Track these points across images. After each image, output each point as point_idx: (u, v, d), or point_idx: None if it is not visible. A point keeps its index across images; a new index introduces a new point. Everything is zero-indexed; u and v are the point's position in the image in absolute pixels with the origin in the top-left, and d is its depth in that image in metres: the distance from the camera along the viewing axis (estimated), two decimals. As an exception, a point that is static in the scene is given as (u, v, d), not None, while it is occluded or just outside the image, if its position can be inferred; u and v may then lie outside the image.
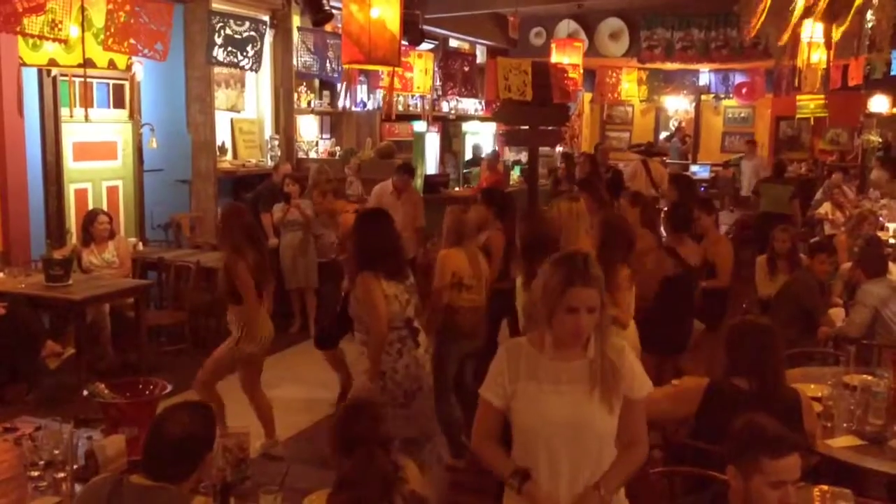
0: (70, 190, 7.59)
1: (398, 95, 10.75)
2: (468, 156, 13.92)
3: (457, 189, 11.82)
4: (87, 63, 6.71)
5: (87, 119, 6.94)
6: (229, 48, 8.19)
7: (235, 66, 8.39)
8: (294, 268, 7.83)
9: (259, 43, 8.55)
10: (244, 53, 8.42)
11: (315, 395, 6.24)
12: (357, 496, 2.40)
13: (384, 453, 2.56)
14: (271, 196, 8.22)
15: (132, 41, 6.87)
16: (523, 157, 12.70)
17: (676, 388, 3.48)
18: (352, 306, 4.27)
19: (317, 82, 10.58)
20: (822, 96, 13.30)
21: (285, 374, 6.68)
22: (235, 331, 4.97)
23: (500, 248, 5.64)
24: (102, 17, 6.87)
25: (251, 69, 8.71)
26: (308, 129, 10.79)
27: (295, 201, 7.86)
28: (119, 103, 8.01)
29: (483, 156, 12.37)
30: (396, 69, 6.54)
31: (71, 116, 7.33)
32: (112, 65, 7.48)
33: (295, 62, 9.57)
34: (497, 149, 13.36)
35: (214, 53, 8.08)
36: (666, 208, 7.35)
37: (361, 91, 10.93)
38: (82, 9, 6.27)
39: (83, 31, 6.40)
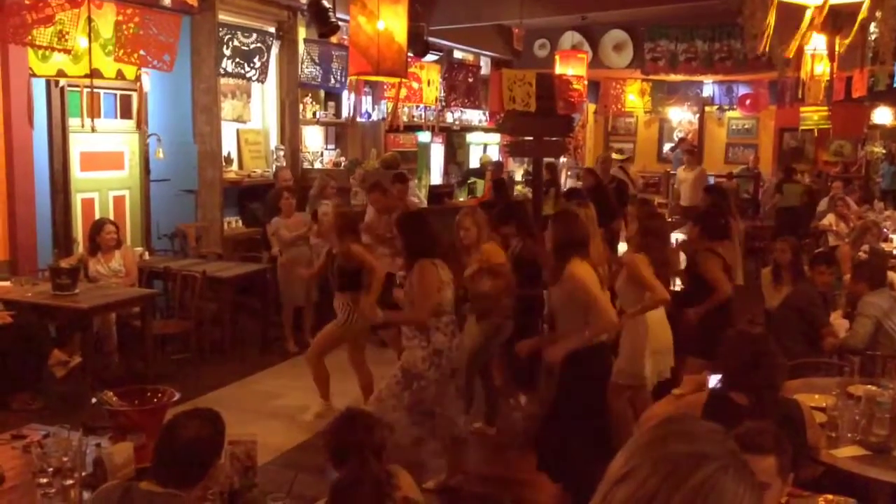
0: (77, 199, 7.64)
1: (403, 106, 10.80)
2: (473, 165, 13.97)
3: (461, 199, 11.85)
4: (95, 73, 6.77)
5: (93, 130, 6.98)
6: (237, 59, 8.25)
7: (243, 77, 8.44)
8: (301, 284, 7.59)
9: (266, 54, 8.61)
10: (251, 65, 8.48)
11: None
12: (351, 502, 2.42)
13: (377, 460, 2.58)
14: (276, 206, 8.27)
15: (142, 52, 6.94)
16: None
17: (676, 406, 3.45)
18: (405, 292, 4.69)
19: (322, 93, 10.63)
20: (826, 108, 13.32)
21: (291, 384, 6.71)
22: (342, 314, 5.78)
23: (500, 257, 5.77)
24: (110, 29, 6.93)
25: (258, 80, 8.77)
26: (313, 139, 10.84)
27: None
28: (126, 114, 8.06)
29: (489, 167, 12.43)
30: (403, 80, 6.58)
31: (82, 126, 7.38)
32: (120, 75, 7.52)
33: (300, 73, 9.63)
34: (501, 159, 13.40)
35: (223, 65, 8.12)
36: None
37: (366, 102, 10.98)
38: (89, 20, 6.32)
39: (90, 42, 6.46)
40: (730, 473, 1.10)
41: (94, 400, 3.41)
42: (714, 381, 3.52)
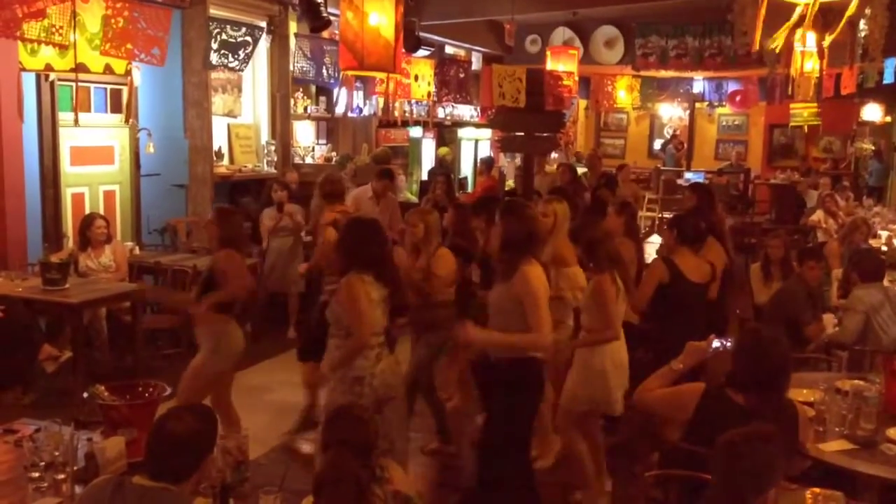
0: (67, 194, 7.62)
1: (395, 101, 10.80)
2: (463, 162, 13.95)
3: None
4: (81, 67, 6.76)
5: (76, 123, 6.95)
6: (222, 51, 8.23)
7: (226, 66, 8.42)
8: (283, 273, 7.86)
9: (252, 47, 8.59)
10: (236, 56, 8.47)
11: (311, 400, 6.27)
12: (331, 498, 2.44)
13: (357, 456, 2.58)
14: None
15: (129, 46, 6.93)
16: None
17: (673, 391, 3.42)
18: (331, 309, 4.15)
19: (313, 88, 10.63)
20: (816, 105, 13.39)
21: (282, 378, 6.70)
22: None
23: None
24: (97, 23, 6.92)
25: (239, 70, 8.73)
26: (304, 134, 10.83)
27: (288, 208, 8.03)
28: (116, 108, 8.04)
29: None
30: (393, 75, 6.57)
31: (76, 123, 7.35)
32: (108, 69, 7.50)
33: (292, 68, 9.62)
34: (492, 154, 13.41)
35: (209, 57, 8.11)
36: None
37: (358, 97, 10.98)
38: (74, 14, 6.31)
39: (75, 35, 6.45)
40: None
41: (85, 395, 3.41)
42: (715, 345, 3.45)
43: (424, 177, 12.53)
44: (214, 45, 8.35)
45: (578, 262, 5.02)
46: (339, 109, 10.92)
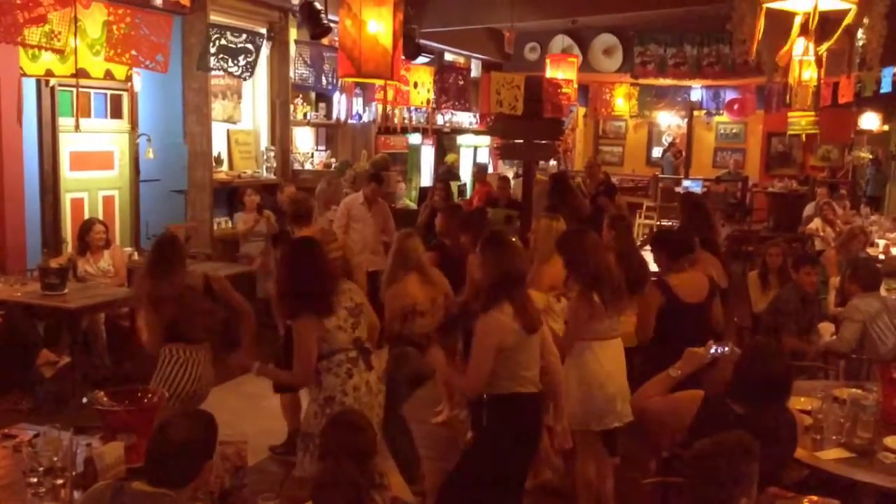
0: (66, 199, 7.63)
1: (394, 108, 10.81)
2: (463, 169, 13.95)
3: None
4: (82, 73, 6.76)
5: (77, 129, 6.96)
6: (221, 55, 8.27)
7: (224, 69, 8.45)
8: (263, 277, 7.79)
9: (254, 55, 8.60)
10: (235, 62, 8.48)
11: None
12: None
13: (355, 463, 2.59)
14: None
15: (133, 52, 6.94)
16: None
17: (672, 399, 3.41)
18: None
19: (313, 94, 10.65)
20: (813, 113, 13.43)
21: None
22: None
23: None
24: (97, 28, 6.93)
25: (241, 77, 8.75)
26: (304, 140, 10.85)
27: (266, 212, 8.28)
28: (116, 113, 8.06)
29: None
30: (390, 82, 6.56)
31: (76, 128, 7.35)
32: (109, 75, 7.52)
33: (291, 74, 9.64)
34: (491, 161, 13.43)
35: (206, 60, 8.15)
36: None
37: (357, 103, 11.00)
38: (75, 19, 6.33)
39: (76, 40, 6.47)
40: None
41: (84, 400, 3.42)
42: (713, 352, 3.41)
43: (423, 183, 12.57)
44: (213, 50, 8.37)
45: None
46: (338, 115, 10.93)
